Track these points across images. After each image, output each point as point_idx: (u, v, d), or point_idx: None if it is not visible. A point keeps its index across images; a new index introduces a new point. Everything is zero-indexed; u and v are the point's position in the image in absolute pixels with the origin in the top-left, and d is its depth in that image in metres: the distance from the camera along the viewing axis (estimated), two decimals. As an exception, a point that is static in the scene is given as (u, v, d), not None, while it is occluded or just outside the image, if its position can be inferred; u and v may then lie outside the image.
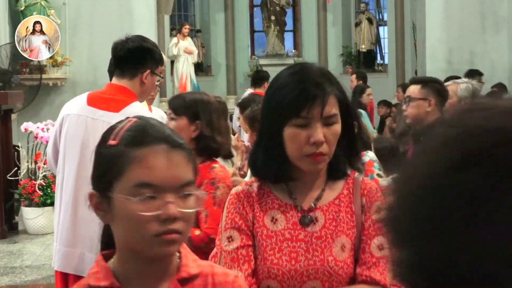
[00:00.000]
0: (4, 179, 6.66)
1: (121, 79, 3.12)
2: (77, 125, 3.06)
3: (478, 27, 10.68)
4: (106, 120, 3.00)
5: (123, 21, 9.60)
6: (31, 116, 8.61)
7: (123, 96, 3.07)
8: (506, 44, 10.69)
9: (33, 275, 5.35)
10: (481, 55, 10.66)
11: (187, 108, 3.09)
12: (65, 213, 3.05)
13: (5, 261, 5.72)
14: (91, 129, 3.02)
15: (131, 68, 3.10)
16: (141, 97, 3.18)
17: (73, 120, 3.08)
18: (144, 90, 3.15)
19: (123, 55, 3.11)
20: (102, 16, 9.71)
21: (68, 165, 3.06)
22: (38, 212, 6.57)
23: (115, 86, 3.13)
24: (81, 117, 3.06)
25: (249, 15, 16.36)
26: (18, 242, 6.41)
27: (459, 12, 10.62)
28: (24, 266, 5.56)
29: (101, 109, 3.04)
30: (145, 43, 3.15)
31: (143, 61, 3.11)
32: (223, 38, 15.83)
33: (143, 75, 3.10)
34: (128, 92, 3.09)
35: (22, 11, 9.57)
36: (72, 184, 3.03)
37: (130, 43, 3.10)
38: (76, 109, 3.10)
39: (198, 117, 3.07)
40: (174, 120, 3.09)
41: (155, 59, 3.16)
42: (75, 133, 3.06)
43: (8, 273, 5.41)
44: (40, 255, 5.82)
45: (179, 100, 3.21)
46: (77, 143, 3.04)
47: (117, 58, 3.13)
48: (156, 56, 3.17)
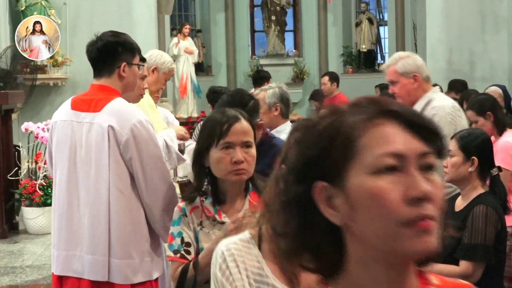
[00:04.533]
0: (5, 179, 6.66)
1: (99, 78, 3.10)
2: (64, 131, 3.06)
3: (478, 27, 10.69)
4: (89, 121, 2.99)
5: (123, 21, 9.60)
6: (32, 116, 8.62)
7: (103, 94, 3.04)
8: (506, 44, 10.69)
9: (33, 275, 5.36)
10: (481, 55, 10.66)
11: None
12: (61, 218, 3.06)
13: (5, 261, 5.72)
14: (77, 132, 3.02)
15: (106, 66, 3.08)
16: (126, 90, 3.13)
17: (60, 126, 3.08)
18: (126, 84, 3.11)
19: (95, 56, 3.10)
20: (102, 16, 9.71)
21: (59, 171, 3.07)
22: (38, 212, 6.58)
23: (96, 86, 3.11)
24: (67, 122, 3.06)
25: (250, 15, 16.35)
26: (19, 242, 6.41)
27: (459, 12, 10.62)
28: (25, 266, 5.56)
29: (83, 111, 3.03)
30: (113, 38, 3.10)
31: (116, 56, 3.07)
32: (223, 38, 15.83)
33: (120, 69, 3.07)
34: (109, 89, 3.06)
35: (22, 11, 9.58)
36: (64, 189, 3.04)
37: (99, 42, 3.08)
38: (62, 115, 3.11)
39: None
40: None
41: (128, 50, 3.11)
42: (63, 138, 3.06)
43: (8, 273, 5.41)
44: (41, 255, 5.82)
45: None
46: (66, 148, 3.04)
47: (91, 60, 3.12)
48: (128, 46, 3.11)
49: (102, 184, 2.94)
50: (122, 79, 3.09)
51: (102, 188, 2.94)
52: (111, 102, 3.00)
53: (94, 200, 2.96)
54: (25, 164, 7.09)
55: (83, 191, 2.99)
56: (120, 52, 3.08)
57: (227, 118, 2.33)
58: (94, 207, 2.96)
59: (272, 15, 15.72)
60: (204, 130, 2.39)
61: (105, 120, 2.95)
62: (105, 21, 9.64)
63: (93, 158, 2.96)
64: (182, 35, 13.27)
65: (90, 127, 2.99)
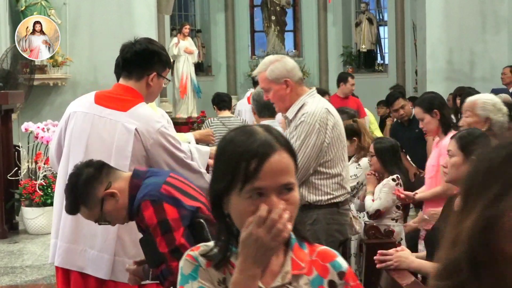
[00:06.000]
0: (5, 179, 6.66)
1: (128, 80, 3.15)
2: (84, 122, 3.09)
3: (478, 27, 10.69)
4: (113, 119, 3.04)
5: (123, 21, 9.61)
6: (32, 116, 8.62)
7: (130, 96, 3.10)
8: (506, 44, 10.69)
9: (33, 275, 5.35)
10: (481, 55, 10.67)
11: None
12: None
13: (5, 261, 5.71)
14: (97, 126, 3.05)
15: (138, 70, 3.13)
16: (148, 98, 3.20)
17: (80, 117, 3.11)
18: (150, 92, 3.18)
19: (130, 58, 3.14)
20: (102, 16, 9.72)
21: (72, 162, 3.06)
22: (38, 212, 6.57)
23: (123, 86, 3.16)
24: (88, 115, 3.09)
25: (249, 15, 16.35)
26: (19, 242, 6.40)
27: (459, 12, 10.63)
28: (25, 266, 5.56)
29: (108, 108, 3.08)
30: (152, 46, 3.17)
31: (150, 64, 3.13)
32: (223, 38, 15.83)
33: (149, 77, 3.13)
34: (135, 93, 3.12)
35: (22, 11, 9.58)
36: None
37: (137, 46, 3.13)
38: (84, 107, 3.14)
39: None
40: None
41: (162, 62, 3.18)
42: (82, 130, 3.08)
43: (8, 273, 5.41)
44: (41, 255, 5.82)
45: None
46: (83, 140, 3.07)
47: (124, 60, 3.16)
48: (163, 58, 3.19)
49: None
50: (149, 87, 3.15)
51: None
52: (138, 106, 3.06)
53: None
54: (25, 164, 7.09)
55: None
56: (155, 61, 3.14)
57: (256, 149, 1.48)
58: None
59: (272, 15, 15.72)
60: (222, 162, 1.54)
61: (131, 122, 3.00)
62: (105, 21, 9.66)
63: (112, 156, 2.98)
64: (182, 35, 13.26)
65: (115, 125, 3.03)
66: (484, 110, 3.99)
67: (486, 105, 4.00)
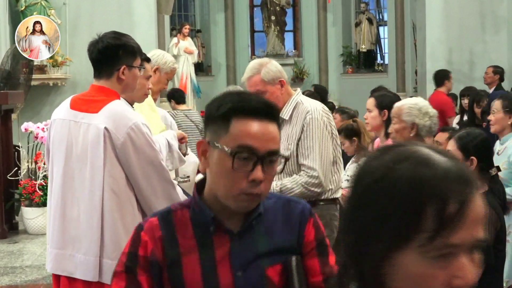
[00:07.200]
0: (4, 179, 6.66)
1: (99, 79, 3.09)
2: (62, 129, 3.05)
3: (477, 27, 10.70)
4: (87, 122, 2.99)
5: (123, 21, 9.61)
6: (32, 116, 8.62)
7: (103, 95, 3.03)
8: (506, 44, 10.69)
9: (33, 275, 5.36)
10: (481, 55, 10.67)
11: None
12: (55, 216, 3.06)
13: (5, 261, 5.72)
14: (74, 132, 3.01)
15: (106, 68, 3.06)
16: (125, 92, 3.12)
17: (59, 124, 3.08)
18: (125, 86, 3.09)
19: (96, 57, 3.08)
20: (102, 16, 9.72)
21: (55, 169, 3.07)
22: (38, 212, 6.57)
23: (95, 87, 3.09)
24: (65, 121, 3.05)
25: (249, 15, 16.36)
26: (18, 242, 6.41)
27: (459, 12, 10.63)
28: (25, 266, 5.56)
29: (81, 111, 3.02)
30: (115, 40, 3.07)
31: (116, 59, 3.05)
32: (223, 38, 15.83)
33: (119, 72, 3.05)
34: (108, 91, 3.04)
35: (22, 11, 9.59)
36: (59, 186, 3.04)
37: (100, 44, 3.05)
38: (61, 114, 3.10)
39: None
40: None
41: (129, 52, 3.08)
42: (60, 137, 3.06)
43: (8, 273, 5.41)
44: (41, 255, 5.82)
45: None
46: (62, 147, 3.04)
47: (91, 60, 3.11)
48: (129, 49, 3.08)
49: (96, 184, 2.94)
50: (121, 81, 3.07)
51: (96, 188, 2.94)
52: (109, 104, 2.98)
53: (87, 200, 2.96)
54: (25, 164, 7.09)
55: (77, 191, 3.00)
56: (121, 55, 3.05)
57: (455, 190, 0.99)
58: (87, 207, 2.96)
59: (272, 15, 15.73)
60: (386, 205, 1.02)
61: (101, 122, 2.94)
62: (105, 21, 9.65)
63: (88, 159, 2.96)
64: (182, 35, 13.27)
65: (88, 127, 2.98)
66: (410, 116, 3.88)
67: (411, 110, 3.91)
